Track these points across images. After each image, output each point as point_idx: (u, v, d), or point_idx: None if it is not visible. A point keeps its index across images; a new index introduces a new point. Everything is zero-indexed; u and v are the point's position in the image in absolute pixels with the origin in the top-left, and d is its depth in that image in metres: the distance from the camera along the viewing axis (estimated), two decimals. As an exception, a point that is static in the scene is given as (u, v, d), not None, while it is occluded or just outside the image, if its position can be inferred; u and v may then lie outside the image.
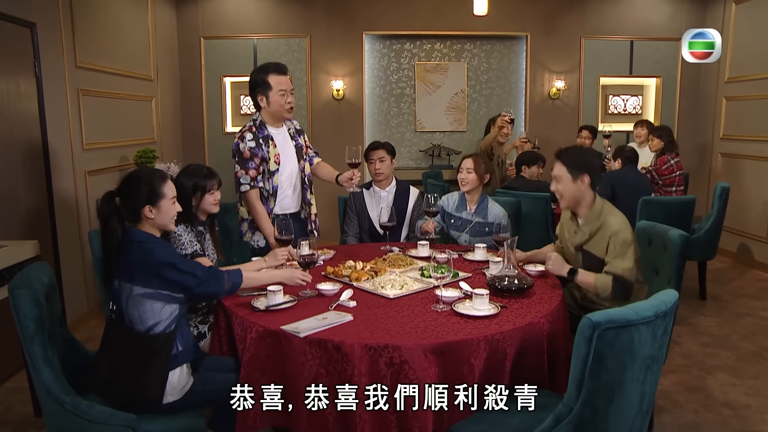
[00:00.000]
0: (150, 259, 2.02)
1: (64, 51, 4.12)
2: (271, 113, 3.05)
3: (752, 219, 5.79)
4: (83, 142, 4.36)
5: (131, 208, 2.11)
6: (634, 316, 1.59)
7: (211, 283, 2.17)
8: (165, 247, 2.12)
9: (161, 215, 2.14)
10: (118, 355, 2.02)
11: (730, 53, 6.11)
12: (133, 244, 2.05)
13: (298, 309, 2.22)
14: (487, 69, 6.96)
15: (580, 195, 2.57)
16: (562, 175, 2.56)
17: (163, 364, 2.03)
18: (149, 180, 2.13)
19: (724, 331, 4.08)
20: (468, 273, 2.68)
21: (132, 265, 2.01)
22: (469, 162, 3.29)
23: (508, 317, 2.13)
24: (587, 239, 2.60)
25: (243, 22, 6.50)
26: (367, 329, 2.02)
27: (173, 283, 2.05)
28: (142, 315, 2.01)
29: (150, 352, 2.01)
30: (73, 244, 4.22)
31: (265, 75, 2.98)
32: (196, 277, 2.10)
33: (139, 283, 2.00)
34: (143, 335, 2.02)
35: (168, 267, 2.04)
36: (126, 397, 1.99)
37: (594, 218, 2.57)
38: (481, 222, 3.29)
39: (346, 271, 2.61)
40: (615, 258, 2.47)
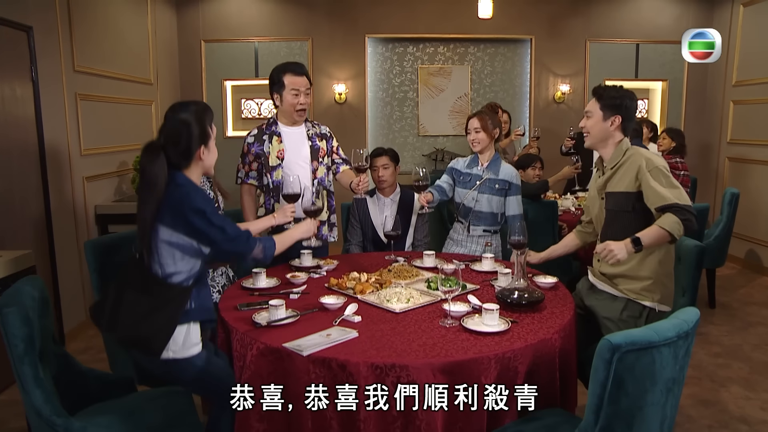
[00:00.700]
0: (183, 202, 1.92)
1: (62, 55, 4.05)
2: (283, 112, 3.06)
3: (761, 225, 5.70)
4: (81, 148, 4.29)
5: (184, 153, 1.98)
6: (656, 337, 1.51)
7: (239, 243, 2.06)
8: (201, 195, 1.99)
9: (210, 155, 2.06)
10: (132, 292, 1.94)
11: (737, 56, 6.03)
12: (171, 185, 1.94)
13: (301, 324, 2.13)
14: (491, 72, 6.88)
15: (607, 134, 2.47)
16: (594, 112, 2.47)
17: (174, 314, 1.94)
18: (199, 118, 2.01)
19: (735, 341, 3.99)
20: (476, 285, 2.60)
21: (165, 206, 1.92)
22: (475, 121, 3.19)
23: (520, 333, 2.04)
24: (610, 176, 2.47)
25: (244, 25, 6.43)
26: (373, 347, 1.94)
27: (200, 233, 1.95)
28: (162, 260, 1.94)
29: (163, 298, 1.93)
30: (71, 252, 4.14)
31: (282, 74, 2.99)
32: (224, 232, 1.98)
33: (168, 225, 1.92)
34: (160, 280, 1.94)
35: (198, 214, 1.93)
36: (129, 336, 1.91)
37: (618, 153, 2.46)
38: (492, 179, 3.18)
39: (350, 283, 2.53)
40: (662, 189, 2.27)
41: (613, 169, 2.46)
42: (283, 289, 2.55)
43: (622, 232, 2.34)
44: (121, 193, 4.85)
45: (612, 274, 2.48)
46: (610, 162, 2.48)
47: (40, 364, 1.82)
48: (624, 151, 2.45)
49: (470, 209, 3.22)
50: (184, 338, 1.97)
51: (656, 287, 2.40)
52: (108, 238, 2.77)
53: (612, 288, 2.49)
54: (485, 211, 3.20)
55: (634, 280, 2.41)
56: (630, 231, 2.29)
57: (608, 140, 2.49)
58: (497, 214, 3.22)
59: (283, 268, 2.89)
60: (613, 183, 2.45)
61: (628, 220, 2.39)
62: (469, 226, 3.25)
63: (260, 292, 2.51)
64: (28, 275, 2.24)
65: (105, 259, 2.65)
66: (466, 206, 3.24)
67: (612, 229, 2.45)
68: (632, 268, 2.41)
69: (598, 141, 2.51)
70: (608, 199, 2.47)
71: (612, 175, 2.46)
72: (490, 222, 3.22)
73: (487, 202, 3.18)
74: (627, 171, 2.40)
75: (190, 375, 2.03)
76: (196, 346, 2.01)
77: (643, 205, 2.35)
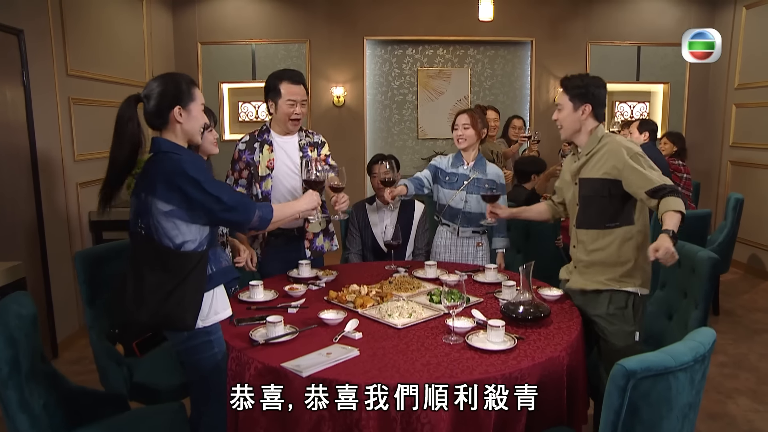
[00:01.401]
0: (174, 171, 1.84)
1: (54, 59, 3.96)
2: (277, 120, 2.96)
3: (764, 229, 5.64)
4: (75, 153, 4.21)
5: (157, 110, 1.91)
6: (672, 362, 1.44)
7: (238, 212, 1.97)
8: (194, 161, 1.91)
9: (191, 120, 1.95)
10: (151, 272, 1.88)
11: (739, 59, 5.97)
12: (158, 154, 1.88)
13: (299, 341, 2.06)
14: (490, 75, 6.81)
15: (580, 124, 2.44)
16: (564, 104, 2.44)
17: (199, 283, 1.89)
18: (177, 80, 1.95)
19: (741, 350, 3.93)
20: (479, 297, 2.52)
21: (154, 177, 1.85)
22: (464, 117, 3.13)
23: (526, 351, 1.97)
24: (584, 162, 2.44)
25: (241, 27, 6.35)
26: (375, 366, 1.86)
27: (195, 203, 1.87)
28: (169, 232, 1.87)
29: (182, 270, 1.87)
30: (64, 259, 4.06)
31: (279, 81, 2.88)
32: (220, 202, 1.90)
33: (161, 198, 1.84)
34: (175, 252, 1.88)
35: (193, 183, 1.84)
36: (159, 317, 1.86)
37: (593, 141, 2.43)
38: (480, 178, 3.12)
39: (350, 296, 2.45)
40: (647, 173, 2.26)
41: (588, 155, 2.43)
42: (281, 302, 2.48)
43: (597, 216, 2.40)
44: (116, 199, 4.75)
45: (590, 261, 2.44)
46: (585, 149, 2.46)
47: (27, 386, 1.74)
48: (599, 138, 2.42)
49: (459, 210, 3.14)
50: (210, 305, 1.95)
51: (636, 272, 2.38)
52: (99, 249, 2.68)
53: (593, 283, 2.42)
54: (475, 212, 3.13)
55: (614, 267, 2.38)
56: (605, 216, 2.37)
57: (582, 129, 2.45)
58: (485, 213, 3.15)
59: (281, 280, 2.81)
60: (587, 169, 2.42)
61: (603, 205, 2.38)
62: (459, 228, 3.18)
63: (257, 306, 2.44)
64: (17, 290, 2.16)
65: (96, 270, 2.57)
66: (454, 208, 3.16)
67: (587, 213, 2.44)
68: (611, 254, 2.38)
69: (572, 132, 2.47)
70: (583, 185, 2.44)
71: (587, 161, 2.43)
72: (479, 222, 3.15)
73: (477, 203, 3.12)
74: (604, 157, 2.37)
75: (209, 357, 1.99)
76: (225, 310, 2.01)
77: (619, 190, 2.34)
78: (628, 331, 2.37)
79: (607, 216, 2.37)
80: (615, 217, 2.37)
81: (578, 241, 2.49)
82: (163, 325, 1.92)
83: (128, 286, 1.91)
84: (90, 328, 2.53)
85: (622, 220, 2.38)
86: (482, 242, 3.17)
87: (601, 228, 2.40)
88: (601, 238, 2.40)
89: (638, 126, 4.53)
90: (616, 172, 2.32)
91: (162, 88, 1.91)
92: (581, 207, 2.46)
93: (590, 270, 2.44)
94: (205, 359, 2.01)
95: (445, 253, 3.22)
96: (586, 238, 2.45)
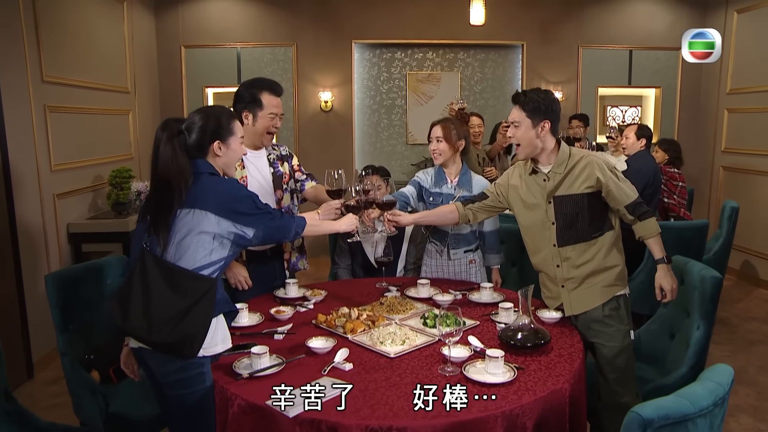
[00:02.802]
0: (227, 191, 1.94)
1: (28, 65, 3.78)
2: (252, 133, 2.71)
3: (757, 236, 5.59)
4: (51, 163, 4.03)
5: (197, 143, 1.96)
6: (691, 408, 1.33)
7: (285, 222, 2.09)
8: (241, 185, 2.06)
9: (230, 154, 2.02)
10: (161, 292, 1.83)
11: (731, 64, 5.92)
12: (203, 175, 1.93)
13: (286, 373, 1.93)
14: (481, 79, 6.71)
15: (539, 143, 2.36)
16: (521, 121, 2.34)
17: (209, 309, 1.87)
18: (218, 114, 2.01)
19: (739, 363, 3.85)
20: (475, 320, 2.40)
21: (209, 195, 1.90)
22: (438, 130, 2.92)
23: (527, 384, 1.86)
24: (559, 183, 2.36)
25: (226, 30, 6.19)
26: (367, 403, 1.74)
27: (250, 220, 1.95)
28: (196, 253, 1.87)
29: (195, 294, 1.85)
30: (41, 274, 3.88)
31: (258, 91, 2.66)
32: (270, 214, 2.02)
33: (215, 214, 1.88)
34: (190, 274, 1.86)
35: (246, 200, 1.95)
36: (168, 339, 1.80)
37: (563, 158, 2.37)
38: (467, 195, 2.90)
39: (339, 320, 2.32)
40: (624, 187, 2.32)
41: (563, 173, 2.35)
42: (266, 327, 2.35)
43: (583, 230, 2.36)
44: (96, 209, 4.59)
45: (580, 276, 2.39)
46: (555, 167, 2.37)
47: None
48: (569, 154, 2.37)
49: (447, 233, 2.98)
50: (212, 333, 1.89)
51: (622, 273, 2.41)
52: (72, 270, 2.53)
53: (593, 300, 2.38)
54: (464, 232, 2.98)
55: (603, 273, 2.37)
56: (592, 227, 2.35)
57: (544, 148, 2.37)
58: (474, 231, 3.02)
59: (267, 300, 2.68)
60: (566, 186, 2.35)
61: (587, 217, 2.35)
62: (449, 251, 3.01)
63: (242, 332, 2.30)
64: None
65: (69, 293, 2.43)
66: (441, 229, 2.99)
67: (572, 229, 2.37)
68: (599, 262, 2.37)
69: (531, 150, 2.37)
70: (563, 203, 2.36)
71: (563, 178, 2.35)
72: (469, 241, 3.01)
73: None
74: (585, 172, 2.33)
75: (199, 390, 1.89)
76: (225, 341, 1.96)
77: (599, 201, 2.34)
78: (624, 330, 2.38)
79: (594, 227, 2.36)
80: (600, 226, 2.37)
81: (563, 259, 2.41)
82: (172, 349, 1.83)
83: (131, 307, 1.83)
84: (63, 355, 2.39)
85: (605, 227, 2.38)
86: (474, 260, 3.03)
87: (588, 239, 2.37)
88: (588, 250, 2.37)
89: (636, 131, 4.39)
90: (598, 185, 2.31)
91: (202, 123, 1.97)
92: (562, 225, 2.38)
93: (583, 286, 2.39)
94: (194, 393, 1.90)
95: (437, 272, 3.06)
96: (572, 254, 2.39)
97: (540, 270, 2.53)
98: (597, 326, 2.36)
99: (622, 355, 2.34)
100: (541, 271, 2.52)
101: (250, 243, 2.01)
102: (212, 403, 1.89)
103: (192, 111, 2.05)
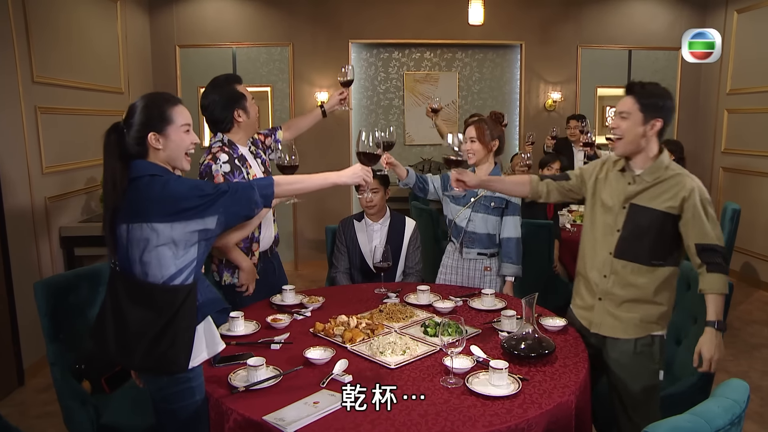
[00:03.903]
0: (167, 193, 1.71)
1: (18, 65, 3.70)
2: (246, 127, 2.69)
3: (757, 238, 5.55)
4: (42, 166, 3.95)
5: (134, 137, 1.77)
6: (707, 428, 1.27)
7: (243, 192, 1.81)
8: (182, 179, 1.79)
9: (170, 146, 1.79)
10: (134, 312, 1.72)
11: (731, 64, 5.88)
12: (143, 177, 1.73)
13: (283, 386, 1.87)
14: (479, 79, 6.65)
15: (644, 142, 2.11)
16: (632, 113, 2.09)
17: (190, 320, 1.74)
18: (153, 102, 1.80)
19: (742, 367, 3.80)
20: (477, 328, 2.34)
21: (147, 201, 1.70)
22: (471, 130, 2.86)
23: (532, 396, 1.80)
24: (645, 188, 2.13)
25: (221, 29, 6.10)
26: (367, 418, 1.68)
27: (202, 209, 1.73)
28: (160, 263, 1.71)
29: (171, 307, 1.71)
30: (31, 278, 3.79)
31: (235, 86, 2.64)
32: (225, 192, 1.77)
33: (159, 223, 1.69)
34: (161, 287, 1.72)
35: (190, 193, 1.72)
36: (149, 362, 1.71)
37: (659, 167, 2.12)
38: (488, 195, 2.86)
39: (338, 329, 2.26)
40: (708, 225, 2.04)
41: (651, 182, 2.13)
42: (262, 336, 2.28)
43: (645, 250, 2.13)
44: (89, 212, 4.51)
45: (623, 298, 2.19)
46: (647, 174, 2.14)
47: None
48: (666, 166, 2.13)
49: (462, 229, 2.94)
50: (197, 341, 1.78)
51: (667, 314, 2.20)
52: (62, 278, 2.45)
53: (628, 331, 2.19)
54: (480, 233, 2.93)
55: (646, 306, 2.16)
56: (655, 252, 2.12)
57: (644, 149, 2.14)
58: (494, 235, 2.94)
59: (263, 307, 2.61)
60: (646, 197, 2.13)
61: (656, 239, 2.11)
62: (462, 249, 2.96)
63: (237, 341, 2.23)
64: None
65: (59, 301, 2.35)
66: (458, 225, 2.96)
67: (635, 244, 2.15)
68: (647, 294, 2.15)
69: (633, 148, 2.14)
70: (637, 213, 2.14)
71: (647, 188, 2.13)
72: (485, 244, 2.94)
73: (483, 222, 2.91)
74: (672, 189, 2.09)
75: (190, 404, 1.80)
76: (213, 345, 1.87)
77: (675, 228, 2.10)
78: (653, 369, 2.19)
79: (658, 253, 2.12)
80: (665, 255, 2.13)
81: (612, 272, 2.20)
82: (155, 370, 1.75)
83: (108, 328, 1.74)
84: (53, 365, 2.31)
85: (670, 260, 2.15)
86: (490, 267, 2.94)
87: (646, 264, 2.14)
88: (642, 275, 2.15)
89: None
90: (680, 208, 2.07)
91: (138, 114, 1.78)
92: (627, 236, 2.17)
93: (621, 308, 2.19)
94: (183, 408, 1.81)
95: (451, 273, 3.01)
96: (624, 271, 2.17)
97: (583, 275, 2.32)
98: (625, 360, 2.20)
99: (647, 394, 2.18)
100: (583, 277, 2.32)
101: (216, 233, 1.80)
102: (206, 417, 1.83)
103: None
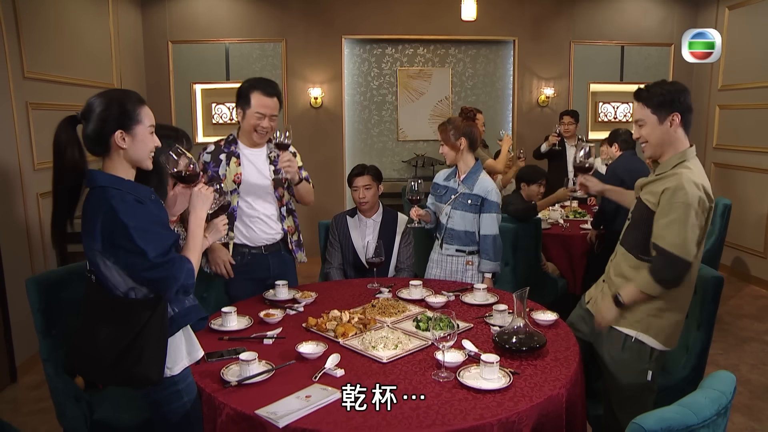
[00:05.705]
0: (108, 211, 1.59)
1: (9, 61, 3.68)
2: (243, 131, 2.72)
3: (748, 233, 5.59)
4: (34, 162, 3.94)
5: (97, 135, 1.65)
6: (694, 419, 1.29)
7: (163, 269, 1.62)
8: (132, 200, 1.63)
9: (136, 146, 1.68)
10: (102, 326, 1.66)
11: (723, 60, 5.90)
12: (94, 189, 1.64)
13: (276, 380, 1.88)
14: (472, 75, 6.66)
15: (669, 138, 2.12)
16: (646, 118, 2.13)
17: (159, 332, 1.67)
18: (121, 99, 1.68)
19: (731, 360, 3.84)
20: (468, 323, 2.36)
21: (91, 217, 1.62)
22: (440, 134, 2.98)
23: (523, 390, 1.81)
24: (650, 181, 2.17)
25: (214, 25, 6.09)
26: (359, 412, 1.69)
27: (119, 252, 1.60)
28: (114, 279, 1.64)
29: (138, 320, 1.64)
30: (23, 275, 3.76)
31: (250, 90, 2.63)
32: (145, 257, 1.59)
33: (97, 240, 1.60)
34: (126, 301, 1.65)
35: (121, 229, 1.57)
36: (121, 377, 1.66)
37: (668, 164, 2.12)
38: (466, 193, 2.91)
39: (330, 324, 2.27)
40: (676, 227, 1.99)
41: (657, 176, 2.15)
42: (255, 331, 2.29)
43: (635, 243, 2.17)
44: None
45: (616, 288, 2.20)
46: (658, 168, 2.17)
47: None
48: (674, 164, 2.11)
49: (444, 225, 3.00)
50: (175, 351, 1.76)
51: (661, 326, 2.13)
52: (54, 274, 2.45)
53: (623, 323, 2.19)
54: (458, 229, 2.96)
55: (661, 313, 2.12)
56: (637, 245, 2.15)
57: (673, 144, 2.13)
58: (472, 232, 2.96)
59: (256, 303, 2.62)
60: (648, 189, 2.16)
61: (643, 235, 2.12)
62: (443, 244, 3.02)
63: (230, 336, 2.24)
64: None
65: (51, 297, 2.35)
66: (440, 222, 3.03)
67: (630, 234, 2.22)
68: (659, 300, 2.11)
69: (661, 149, 2.15)
70: (638, 204, 2.19)
71: (651, 181, 2.17)
72: (463, 241, 2.97)
73: (461, 219, 2.94)
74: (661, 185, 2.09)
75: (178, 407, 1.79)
76: (192, 353, 1.84)
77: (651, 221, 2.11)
78: (640, 369, 2.16)
79: (644, 246, 2.12)
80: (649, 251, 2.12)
81: (616, 255, 2.28)
82: (125, 384, 1.73)
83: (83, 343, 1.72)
84: (45, 361, 2.30)
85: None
86: (472, 261, 2.98)
87: (634, 255, 2.17)
88: (630, 267, 2.18)
89: (608, 140, 4.34)
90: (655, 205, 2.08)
91: (103, 109, 1.65)
92: (630, 225, 2.23)
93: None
94: (174, 410, 1.81)
95: (436, 268, 3.07)
96: (622, 258, 2.23)
97: None
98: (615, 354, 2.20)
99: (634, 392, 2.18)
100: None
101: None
102: (199, 414, 1.83)
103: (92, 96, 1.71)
